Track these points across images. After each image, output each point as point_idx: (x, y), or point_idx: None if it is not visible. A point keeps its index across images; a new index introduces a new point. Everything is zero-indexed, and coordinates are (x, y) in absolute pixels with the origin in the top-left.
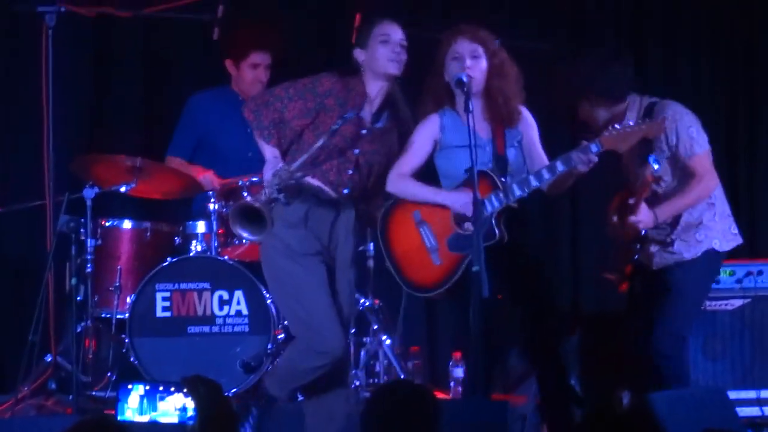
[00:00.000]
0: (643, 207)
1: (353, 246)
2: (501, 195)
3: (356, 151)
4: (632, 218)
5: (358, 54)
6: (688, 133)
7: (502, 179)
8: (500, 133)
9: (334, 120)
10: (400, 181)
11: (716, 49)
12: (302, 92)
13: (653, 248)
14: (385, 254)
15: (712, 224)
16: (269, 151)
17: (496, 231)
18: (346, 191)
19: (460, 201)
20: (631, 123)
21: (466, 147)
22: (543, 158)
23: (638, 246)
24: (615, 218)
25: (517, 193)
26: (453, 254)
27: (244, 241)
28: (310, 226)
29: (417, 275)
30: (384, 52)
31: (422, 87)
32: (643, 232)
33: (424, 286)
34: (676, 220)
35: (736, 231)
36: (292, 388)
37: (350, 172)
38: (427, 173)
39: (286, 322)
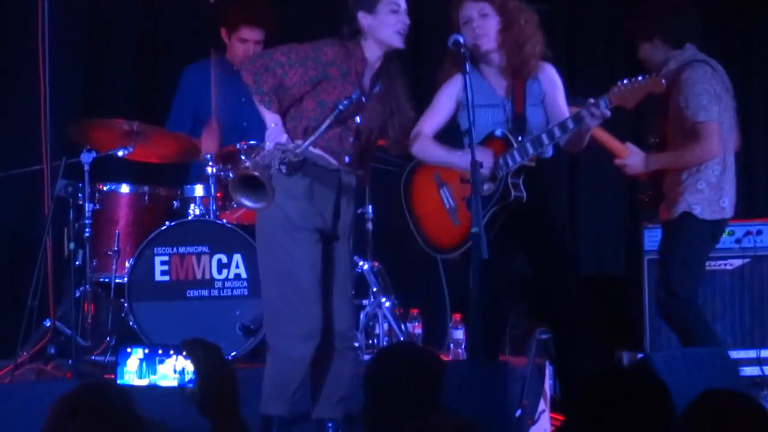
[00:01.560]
0: (634, 150)
1: (353, 214)
2: (515, 153)
3: (358, 119)
4: (618, 161)
5: (363, 17)
6: (698, 101)
7: (519, 138)
8: (520, 91)
9: (336, 90)
10: (423, 144)
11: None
12: (304, 60)
13: None
14: (408, 216)
15: (693, 189)
16: (270, 118)
17: (512, 191)
18: (347, 159)
19: (466, 160)
20: (639, 78)
21: (488, 106)
22: (565, 117)
23: None
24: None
25: (531, 151)
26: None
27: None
28: (314, 200)
29: (437, 236)
30: (392, 22)
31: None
32: None
33: (443, 247)
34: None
35: (725, 205)
36: (290, 394)
37: (351, 139)
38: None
39: None
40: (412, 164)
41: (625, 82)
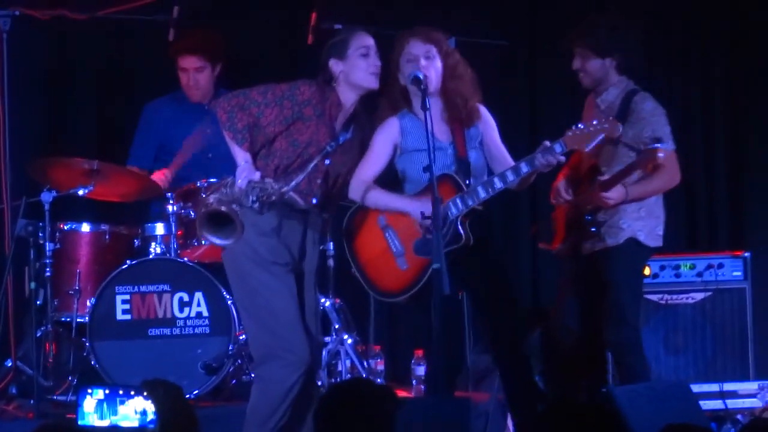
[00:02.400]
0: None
1: (318, 255)
2: (466, 197)
3: (327, 161)
4: (604, 194)
5: (335, 65)
6: (665, 130)
7: (467, 182)
8: (460, 136)
9: (310, 130)
10: (363, 189)
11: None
12: (280, 99)
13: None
14: (351, 260)
15: (636, 215)
16: (241, 156)
17: (462, 233)
18: (314, 200)
19: (415, 207)
20: (595, 122)
21: (426, 150)
22: (505, 156)
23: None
24: (566, 193)
25: (482, 195)
26: (419, 258)
27: (204, 242)
28: (282, 236)
29: (384, 281)
30: (365, 66)
31: (378, 90)
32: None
33: (391, 292)
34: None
35: (660, 233)
36: (273, 424)
37: (319, 181)
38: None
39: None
40: (353, 209)
41: (580, 126)
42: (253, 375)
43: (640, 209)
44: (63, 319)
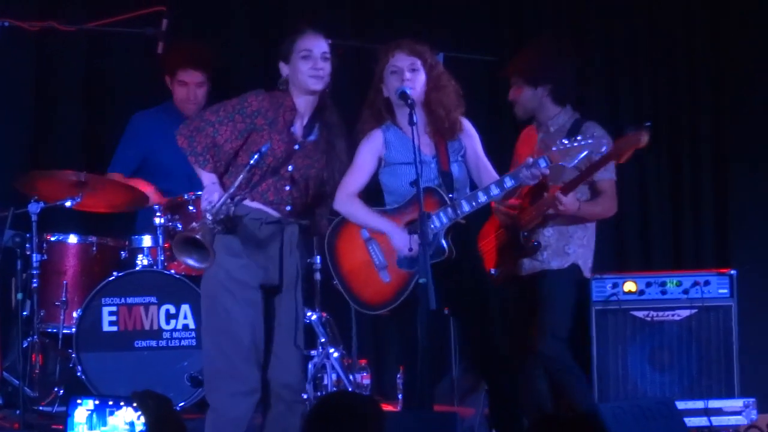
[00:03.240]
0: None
1: (298, 263)
2: (449, 211)
3: (290, 167)
4: (560, 195)
5: (283, 68)
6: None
7: (450, 195)
8: (443, 149)
9: (265, 139)
10: (348, 203)
11: (656, 59)
12: (231, 114)
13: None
14: (333, 272)
15: (580, 243)
16: (206, 177)
17: (445, 247)
18: (288, 208)
19: (401, 239)
20: (579, 138)
21: (411, 163)
22: (489, 168)
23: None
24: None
25: (466, 208)
26: (402, 271)
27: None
28: (254, 254)
29: (366, 293)
30: (305, 68)
31: (362, 102)
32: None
33: (373, 304)
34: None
35: (590, 266)
36: None
37: (288, 188)
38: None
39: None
40: (336, 220)
41: (564, 141)
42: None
43: (583, 237)
44: (49, 330)
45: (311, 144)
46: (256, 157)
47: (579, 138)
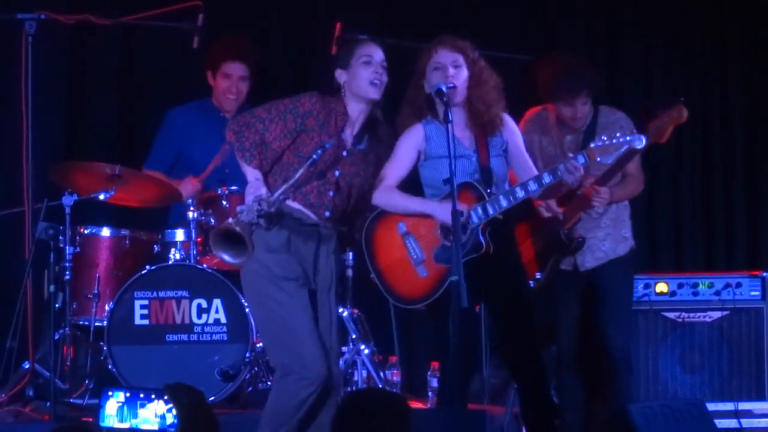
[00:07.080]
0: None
1: (334, 270)
2: (487, 206)
3: (336, 172)
4: (597, 186)
5: (340, 75)
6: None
7: (488, 190)
8: (483, 143)
9: (314, 141)
10: (387, 193)
11: (689, 53)
12: (283, 113)
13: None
14: (370, 266)
15: (629, 223)
16: (251, 173)
17: (482, 242)
18: (327, 213)
19: (444, 213)
20: (618, 135)
21: (456, 157)
22: (529, 164)
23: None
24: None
25: (504, 204)
26: (439, 266)
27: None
28: (293, 251)
29: (403, 288)
30: (365, 75)
31: (402, 98)
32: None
33: (410, 299)
34: (607, 216)
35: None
36: (285, 428)
37: (331, 194)
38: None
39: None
40: (374, 214)
41: (603, 138)
42: (269, 383)
43: (628, 216)
44: (81, 322)
45: (360, 153)
46: (319, 152)
47: (618, 135)
